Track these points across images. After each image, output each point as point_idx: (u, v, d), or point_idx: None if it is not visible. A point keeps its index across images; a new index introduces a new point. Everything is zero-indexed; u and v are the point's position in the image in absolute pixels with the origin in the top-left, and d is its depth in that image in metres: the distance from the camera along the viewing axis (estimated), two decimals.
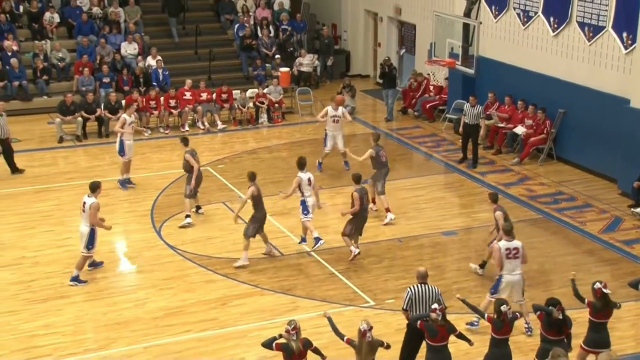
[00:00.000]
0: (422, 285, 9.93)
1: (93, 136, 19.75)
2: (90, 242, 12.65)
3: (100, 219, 12.63)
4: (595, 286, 9.68)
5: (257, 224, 13.16)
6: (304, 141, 19.82)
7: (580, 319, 10.43)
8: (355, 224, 13.31)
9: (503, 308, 9.38)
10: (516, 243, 10.98)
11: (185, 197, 14.61)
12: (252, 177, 13.19)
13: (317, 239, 13.49)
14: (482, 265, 13.02)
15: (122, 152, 16.41)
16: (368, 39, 25.32)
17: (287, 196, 13.95)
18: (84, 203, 12.64)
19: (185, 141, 14.84)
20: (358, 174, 13.53)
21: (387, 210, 14.84)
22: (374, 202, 15.15)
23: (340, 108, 17.26)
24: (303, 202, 13.64)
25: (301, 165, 13.75)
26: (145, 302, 12.23)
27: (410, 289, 9.94)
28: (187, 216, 14.59)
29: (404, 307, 9.95)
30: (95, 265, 13.07)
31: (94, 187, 12.75)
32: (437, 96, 21.08)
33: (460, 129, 17.89)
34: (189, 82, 20.76)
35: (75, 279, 12.69)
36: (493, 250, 11.18)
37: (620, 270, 13.01)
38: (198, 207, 15.20)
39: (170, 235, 14.45)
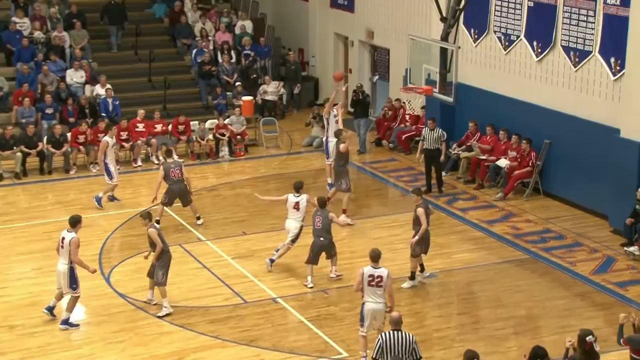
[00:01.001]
0: (395, 332, 9.89)
1: (34, 173, 19.55)
2: (74, 282, 12.57)
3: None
4: (587, 339, 9.65)
5: (165, 268, 13.07)
6: (270, 176, 19.80)
7: None
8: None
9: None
10: (382, 271, 11.27)
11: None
12: (147, 216, 13.13)
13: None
14: (422, 270, 14.04)
15: (109, 175, 17.24)
16: (338, 64, 25.45)
17: (269, 200, 15.28)
18: (63, 238, 12.58)
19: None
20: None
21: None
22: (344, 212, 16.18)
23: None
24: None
25: (296, 188, 14.69)
26: (92, 359, 12.00)
27: (381, 337, 9.91)
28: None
29: (374, 357, 9.91)
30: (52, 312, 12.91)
31: (74, 222, 12.72)
32: (413, 126, 21.21)
33: (418, 154, 18.52)
34: (141, 112, 20.69)
35: (66, 322, 12.63)
36: (357, 274, 11.43)
37: (614, 315, 13.00)
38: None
39: (121, 282, 14.28)
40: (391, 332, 9.92)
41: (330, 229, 14.05)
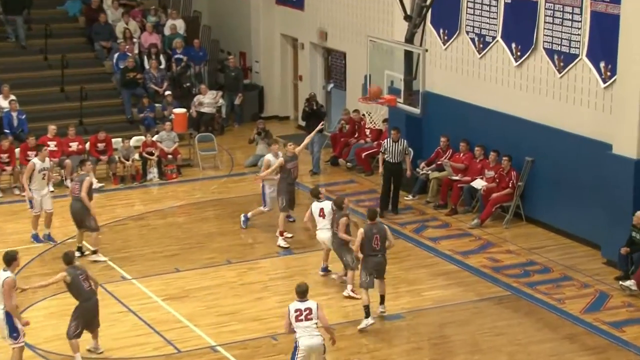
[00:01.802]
0: None
1: None
2: (13, 330, 12.29)
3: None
4: None
5: (78, 320, 12.89)
6: (207, 202, 19.76)
7: None
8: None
9: None
10: (310, 303, 11.92)
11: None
12: (68, 261, 12.99)
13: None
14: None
15: (30, 204, 17.09)
16: (286, 71, 25.57)
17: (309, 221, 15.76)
18: None
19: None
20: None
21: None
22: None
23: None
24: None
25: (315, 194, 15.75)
26: None
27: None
28: None
29: None
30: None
31: (9, 259, 12.45)
32: (375, 142, 21.35)
33: (381, 168, 18.80)
34: (52, 128, 20.53)
35: None
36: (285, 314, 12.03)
37: None
38: None
39: (29, 330, 14.01)
40: None
41: None
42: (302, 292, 11.97)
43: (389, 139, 18.78)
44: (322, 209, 15.58)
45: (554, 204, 17.65)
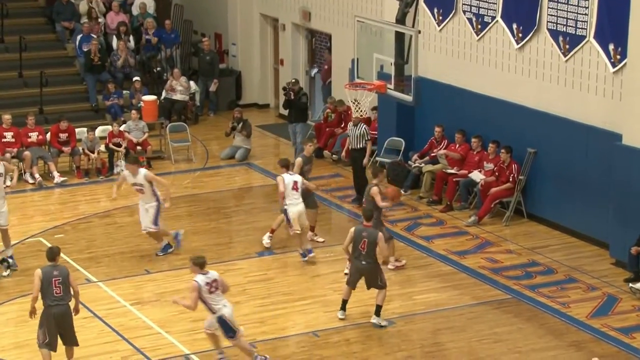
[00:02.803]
0: None
1: None
2: None
3: None
4: None
5: (44, 327, 12.73)
6: (179, 198, 19.73)
7: None
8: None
9: None
10: (212, 274, 12.82)
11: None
12: (51, 257, 13.01)
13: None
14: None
15: None
16: (266, 54, 25.60)
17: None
18: None
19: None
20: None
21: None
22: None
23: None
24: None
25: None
26: None
27: None
28: None
29: None
30: None
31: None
32: None
33: (344, 154, 19.53)
34: (6, 117, 20.47)
35: None
36: (191, 288, 12.73)
37: None
38: None
39: None
40: None
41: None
42: (202, 264, 12.78)
43: (350, 123, 19.21)
44: (295, 182, 16.14)
45: (558, 199, 17.74)
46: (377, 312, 14.41)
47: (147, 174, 16.61)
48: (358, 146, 18.93)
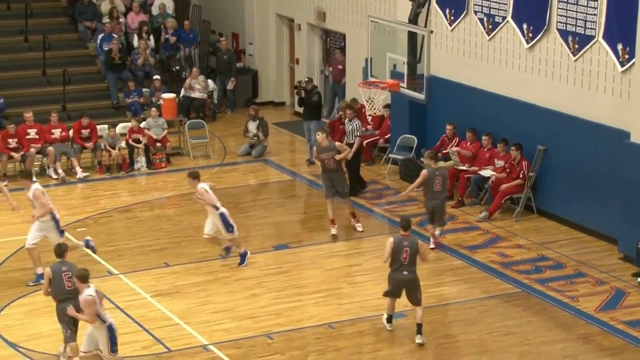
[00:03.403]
0: None
1: None
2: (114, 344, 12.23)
3: None
4: None
5: (65, 322, 12.71)
6: None
7: None
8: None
9: None
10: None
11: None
12: (59, 253, 12.85)
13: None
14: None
15: None
16: (282, 53, 25.59)
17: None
18: None
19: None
20: None
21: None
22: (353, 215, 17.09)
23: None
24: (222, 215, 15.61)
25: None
26: None
27: None
28: None
29: None
30: None
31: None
32: (376, 130, 21.37)
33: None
34: (28, 115, 20.46)
35: None
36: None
37: None
38: None
39: (9, 328, 14.15)
40: None
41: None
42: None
43: (346, 119, 19.37)
44: None
45: (567, 195, 17.71)
46: (419, 331, 13.74)
47: (35, 192, 15.17)
48: (351, 141, 18.97)
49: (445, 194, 16.94)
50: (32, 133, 20.37)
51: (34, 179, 16.17)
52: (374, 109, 20.26)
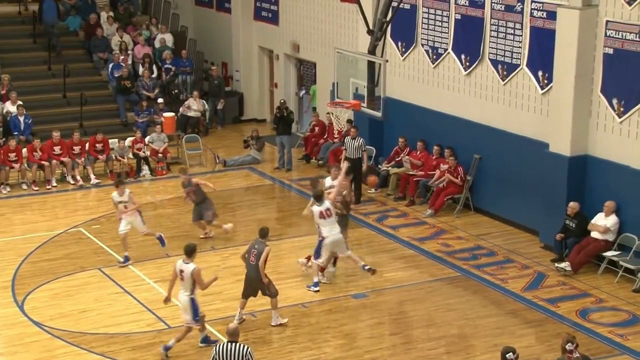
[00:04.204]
0: (230, 344, 10.18)
1: None
2: (196, 313, 12.59)
3: None
4: (507, 356, 9.93)
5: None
6: None
7: None
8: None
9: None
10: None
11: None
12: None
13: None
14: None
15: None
16: (263, 79, 25.58)
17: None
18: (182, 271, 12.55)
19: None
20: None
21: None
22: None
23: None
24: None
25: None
26: None
27: (215, 349, 10.25)
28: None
29: None
30: None
31: (191, 251, 12.76)
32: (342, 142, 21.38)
33: (342, 164, 18.67)
34: (56, 135, 20.33)
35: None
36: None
37: (545, 332, 13.43)
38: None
39: (36, 309, 14.08)
40: (226, 343, 10.20)
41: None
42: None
43: (348, 137, 19.02)
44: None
45: (498, 195, 17.82)
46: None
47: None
48: (355, 156, 18.70)
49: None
50: (57, 150, 20.27)
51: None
52: (340, 124, 20.32)
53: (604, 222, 15.32)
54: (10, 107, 21.72)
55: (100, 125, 21.94)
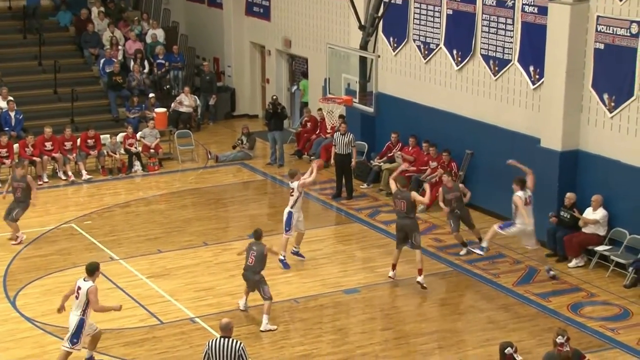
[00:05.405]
0: (223, 339, 10.17)
1: None
2: (76, 336, 11.84)
3: None
4: (506, 351, 10.01)
5: None
6: (185, 191, 19.75)
7: None
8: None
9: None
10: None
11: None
12: None
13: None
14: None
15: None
16: (255, 74, 25.58)
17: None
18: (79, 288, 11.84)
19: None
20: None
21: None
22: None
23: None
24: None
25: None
26: None
27: (208, 344, 10.23)
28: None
29: None
30: None
31: (93, 269, 12.00)
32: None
33: (332, 160, 19.03)
34: (48, 131, 20.30)
35: None
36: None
37: (537, 326, 13.48)
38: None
39: (28, 305, 14.08)
40: (219, 338, 10.19)
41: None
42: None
43: (337, 133, 19.01)
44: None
45: (490, 190, 17.85)
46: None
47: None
48: (345, 152, 18.75)
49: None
50: (49, 145, 20.24)
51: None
52: (333, 119, 20.35)
53: (593, 216, 15.40)
54: (0, 103, 21.68)
55: (91, 121, 21.93)
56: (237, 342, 10.18)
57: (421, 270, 14.52)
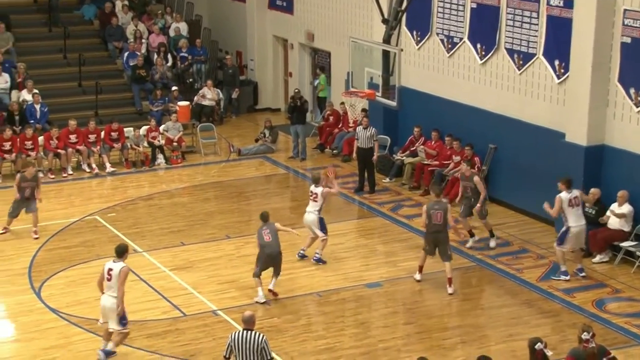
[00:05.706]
0: (245, 332, 10.18)
1: None
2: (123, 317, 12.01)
3: None
4: (537, 347, 9.93)
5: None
6: (208, 184, 19.78)
7: None
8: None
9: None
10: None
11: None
12: None
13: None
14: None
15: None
16: (278, 68, 25.58)
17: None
18: (110, 270, 11.93)
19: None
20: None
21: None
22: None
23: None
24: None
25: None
26: None
27: (231, 336, 10.23)
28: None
29: (225, 355, 10.24)
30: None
31: (122, 251, 12.11)
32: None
33: (354, 154, 19.01)
34: (72, 123, 20.39)
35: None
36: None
37: (561, 322, 13.40)
38: None
39: (52, 296, 14.15)
40: (242, 331, 10.18)
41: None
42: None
43: (359, 126, 18.97)
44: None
45: (514, 185, 17.77)
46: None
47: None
48: (367, 146, 18.70)
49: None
50: (73, 138, 20.33)
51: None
52: (355, 113, 20.31)
53: (619, 211, 15.26)
54: (26, 96, 21.80)
55: (115, 114, 21.99)
56: (259, 334, 10.18)
57: (451, 280, 14.39)
